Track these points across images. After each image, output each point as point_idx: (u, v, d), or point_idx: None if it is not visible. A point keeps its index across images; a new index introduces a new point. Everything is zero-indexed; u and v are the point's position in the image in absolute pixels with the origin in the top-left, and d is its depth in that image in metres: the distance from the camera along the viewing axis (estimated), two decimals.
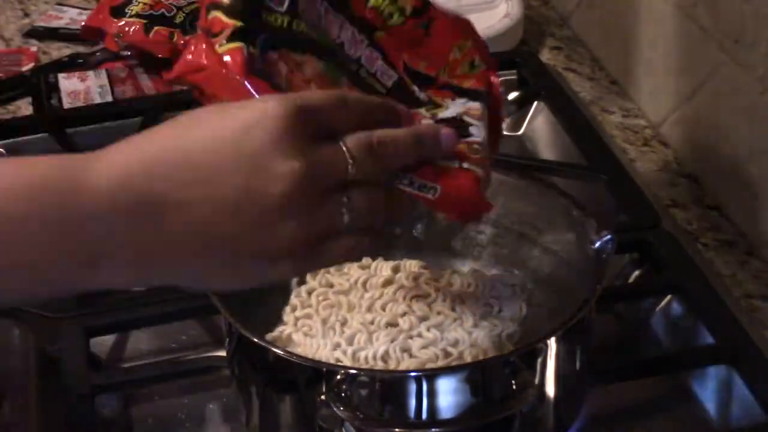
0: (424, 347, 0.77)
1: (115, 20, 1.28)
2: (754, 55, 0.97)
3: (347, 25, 0.74)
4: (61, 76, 1.24)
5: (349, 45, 0.74)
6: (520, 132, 1.17)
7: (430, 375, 0.72)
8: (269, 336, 0.80)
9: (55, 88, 1.22)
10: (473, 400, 0.72)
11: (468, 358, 0.76)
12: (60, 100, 1.21)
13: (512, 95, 1.18)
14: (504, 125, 1.14)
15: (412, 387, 0.72)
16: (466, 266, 0.88)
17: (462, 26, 0.79)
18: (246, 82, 0.66)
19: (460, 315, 0.80)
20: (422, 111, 0.73)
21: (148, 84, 1.24)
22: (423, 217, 0.88)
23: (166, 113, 1.14)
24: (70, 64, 1.27)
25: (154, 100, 1.19)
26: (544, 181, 0.86)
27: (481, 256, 0.89)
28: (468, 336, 0.78)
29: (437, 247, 0.89)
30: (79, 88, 1.22)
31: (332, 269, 0.84)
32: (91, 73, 1.25)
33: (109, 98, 1.21)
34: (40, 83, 1.22)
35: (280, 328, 0.81)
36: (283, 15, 0.70)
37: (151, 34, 1.26)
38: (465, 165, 0.67)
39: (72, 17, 1.36)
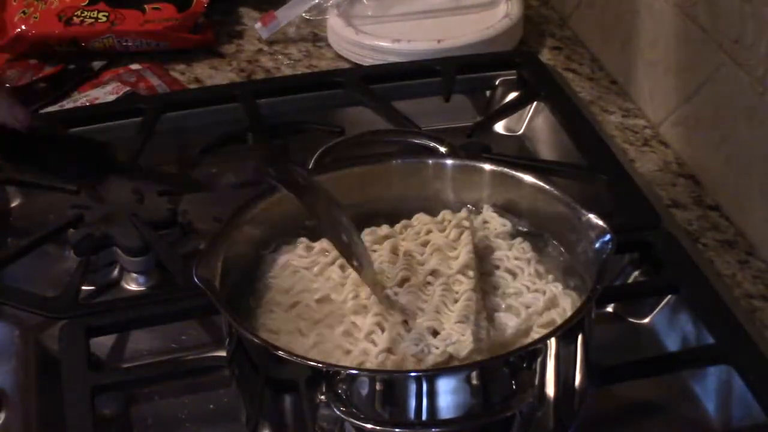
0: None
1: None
2: (754, 55, 0.97)
3: None
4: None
5: None
6: (520, 132, 1.17)
7: (430, 375, 0.72)
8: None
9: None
10: (473, 401, 0.72)
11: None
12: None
13: (512, 95, 1.19)
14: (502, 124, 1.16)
15: (412, 387, 0.71)
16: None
17: None
18: None
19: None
20: None
21: (159, 82, 1.24)
22: None
23: (166, 113, 1.14)
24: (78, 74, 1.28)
25: (154, 100, 1.19)
26: (544, 181, 0.86)
27: None
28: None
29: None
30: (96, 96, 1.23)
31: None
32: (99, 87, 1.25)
33: None
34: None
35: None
36: None
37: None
38: None
39: None
